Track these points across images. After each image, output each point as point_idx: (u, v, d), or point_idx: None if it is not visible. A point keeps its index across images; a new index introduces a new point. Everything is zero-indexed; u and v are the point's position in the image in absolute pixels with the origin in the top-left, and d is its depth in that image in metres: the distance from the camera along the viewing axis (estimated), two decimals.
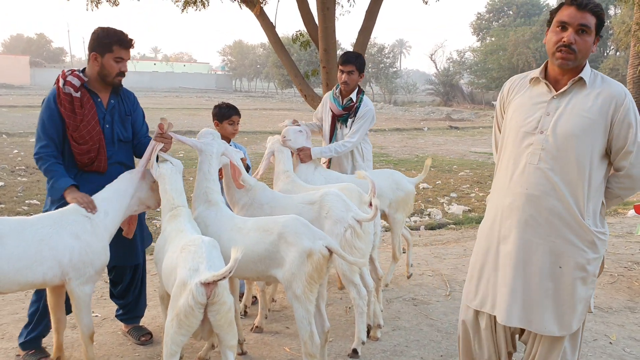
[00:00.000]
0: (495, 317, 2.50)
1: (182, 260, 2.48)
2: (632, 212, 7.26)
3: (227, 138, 4.14)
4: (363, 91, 4.60)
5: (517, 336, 2.62)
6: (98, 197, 3.01)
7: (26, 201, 7.57)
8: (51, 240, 2.76)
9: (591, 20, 2.27)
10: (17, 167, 10.29)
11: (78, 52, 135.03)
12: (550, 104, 2.36)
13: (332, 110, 4.56)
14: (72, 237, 2.82)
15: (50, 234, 2.77)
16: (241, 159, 3.68)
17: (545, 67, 2.44)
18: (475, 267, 2.58)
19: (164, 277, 2.72)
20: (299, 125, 4.35)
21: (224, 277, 2.29)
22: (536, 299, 2.35)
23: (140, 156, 3.29)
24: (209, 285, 2.32)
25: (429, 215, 7.73)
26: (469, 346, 2.66)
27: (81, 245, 2.84)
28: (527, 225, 2.35)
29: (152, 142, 3.16)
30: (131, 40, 3.18)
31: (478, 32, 51.24)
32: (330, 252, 2.86)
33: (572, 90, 2.35)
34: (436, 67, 48.17)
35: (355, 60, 4.44)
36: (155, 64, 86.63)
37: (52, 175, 3.09)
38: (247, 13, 7.62)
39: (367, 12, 6.76)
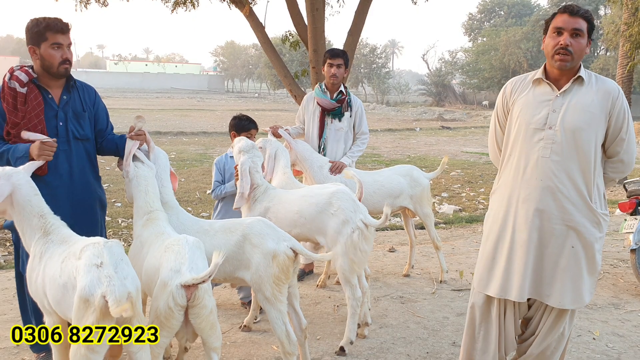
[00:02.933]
0: (505, 304, 2.71)
1: (164, 260, 2.43)
2: (618, 210, 7.33)
3: None
4: (346, 86, 4.78)
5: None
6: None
7: None
8: None
9: (583, 25, 2.52)
10: None
11: None
12: (555, 102, 2.57)
13: (321, 105, 4.62)
14: None
15: None
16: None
17: (545, 69, 2.65)
18: (488, 255, 2.74)
19: (145, 280, 2.59)
20: (280, 128, 4.37)
21: (204, 281, 2.28)
22: (554, 277, 2.58)
23: (108, 154, 3.25)
24: (190, 288, 2.30)
25: None
26: (473, 332, 2.83)
27: None
28: (544, 213, 2.56)
29: (129, 141, 3.05)
30: (61, 22, 2.95)
31: (470, 33, 51.47)
32: (295, 253, 2.87)
33: (573, 88, 2.58)
34: (428, 68, 48.31)
35: (343, 54, 4.60)
36: (146, 65, 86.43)
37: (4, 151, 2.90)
38: (237, 13, 7.64)
39: (356, 12, 6.80)
